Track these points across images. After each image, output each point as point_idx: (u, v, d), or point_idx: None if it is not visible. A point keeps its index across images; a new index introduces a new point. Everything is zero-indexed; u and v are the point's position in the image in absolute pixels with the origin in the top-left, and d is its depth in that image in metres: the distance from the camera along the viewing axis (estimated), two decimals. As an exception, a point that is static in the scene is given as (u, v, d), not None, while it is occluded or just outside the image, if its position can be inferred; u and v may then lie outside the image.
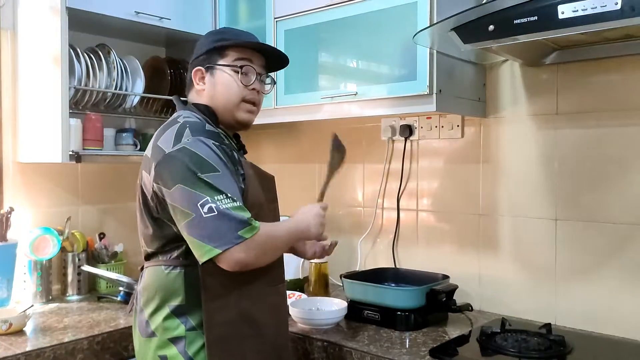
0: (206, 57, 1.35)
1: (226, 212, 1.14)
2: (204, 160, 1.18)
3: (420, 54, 1.61)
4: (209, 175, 1.17)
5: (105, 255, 2.08)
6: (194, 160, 1.18)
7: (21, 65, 1.91)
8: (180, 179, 1.17)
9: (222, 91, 1.34)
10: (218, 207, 1.14)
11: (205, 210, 1.14)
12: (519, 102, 1.80)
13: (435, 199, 2.00)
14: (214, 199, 1.14)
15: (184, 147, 1.19)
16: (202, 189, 1.15)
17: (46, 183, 2.02)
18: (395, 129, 2.07)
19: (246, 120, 1.38)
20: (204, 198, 1.14)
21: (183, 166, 1.18)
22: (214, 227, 1.13)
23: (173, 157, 1.20)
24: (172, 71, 2.16)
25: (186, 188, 1.16)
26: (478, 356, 1.45)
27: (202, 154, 1.19)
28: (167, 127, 1.28)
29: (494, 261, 1.86)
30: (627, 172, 1.60)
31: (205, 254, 1.15)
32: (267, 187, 1.38)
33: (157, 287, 1.27)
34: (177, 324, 1.24)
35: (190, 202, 1.15)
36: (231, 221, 1.14)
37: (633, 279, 1.58)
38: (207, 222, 1.14)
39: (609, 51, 1.59)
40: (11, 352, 1.39)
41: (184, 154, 1.19)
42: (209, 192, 1.15)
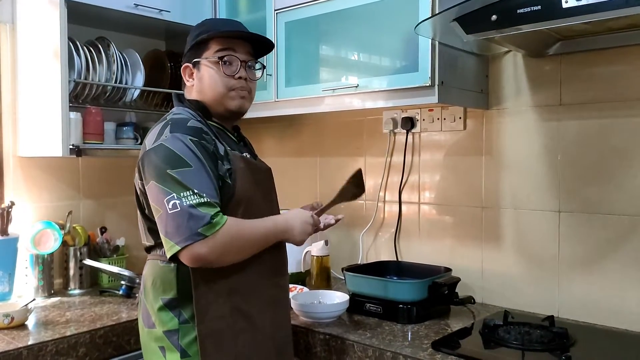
0: (192, 53, 1.37)
1: (188, 208, 1.15)
2: (176, 156, 1.20)
3: (421, 45, 1.59)
4: (179, 171, 1.19)
5: (107, 249, 2.08)
6: (166, 157, 1.20)
7: (21, 59, 1.91)
8: (153, 176, 1.21)
9: (208, 84, 1.35)
10: (182, 204, 1.15)
11: (170, 206, 1.16)
12: (521, 94, 1.79)
13: (437, 191, 2.00)
14: (179, 195, 1.16)
15: (161, 144, 1.22)
16: (169, 185, 1.18)
17: (47, 177, 2.01)
18: (396, 121, 2.06)
19: (238, 106, 1.37)
20: (170, 194, 1.17)
21: (156, 162, 1.21)
22: (176, 224, 1.15)
23: (150, 154, 1.24)
24: (172, 64, 2.15)
25: (157, 184, 1.20)
26: (480, 349, 1.45)
27: (175, 149, 1.21)
28: (156, 124, 1.31)
29: (497, 254, 1.85)
30: (631, 164, 1.59)
31: (169, 249, 1.18)
32: (261, 179, 1.37)
33: (154, 279, 1.30)
34: (171, 317, 1.26)
35: (159, 198, 1.19)
36: (192, 218, 1.15)
37: (636, 271, 1.58)
38: (171, 218, 1.16)
39: (612, 41, 1.57)
40: (13, 345, 1.40)
41: (159, 150, 1.22)
42: (176, 187, 1.17)
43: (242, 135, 1.48)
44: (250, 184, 1.32)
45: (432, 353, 1.39)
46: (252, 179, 1.32)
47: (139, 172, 1.29)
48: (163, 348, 1.27)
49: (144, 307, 1.34)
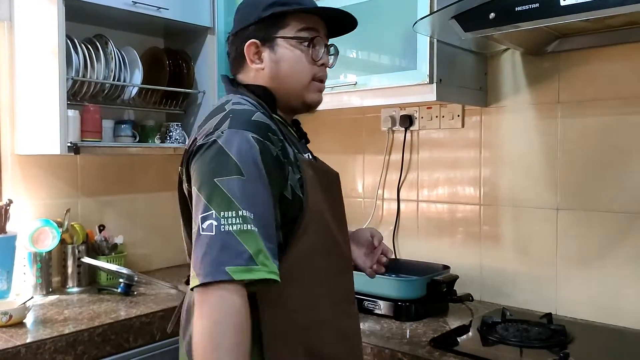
0: (261, 27, 1.09)
1: (225, 235, 0.88)
2: (229, 159, 0.93)
3: (420, 43, 1.59)
4: (228, 180, 0.92)
5: (105, 247, 2.08)
6: (217, 158, 0.94)
7: (18, 57, 1.90)
8: (196, 180, 0.96)
9: (290, 70, 1.09)
10: (218, 227, 0.89)
11: (204, 226, 0.90)
12: (520, 91, 1.79)
13: (435, 189, 2.00)
14: (219, 214, 0.89)
15: (215, 141, 0.96)
16: (211, 197, 0.91)
17: (45, 175, 2.01)
18: (395, 119, 2.06)
19: (317, 101, 1.15)
20: (209, 210, 0.90)
21: (204, 164, 0.96)
22: (204, 251, 0.89)
23: (200, 151, 0.98)
24: (171, 62, 2.14)
25: (197, 193, 0.94)
26: (479, 346, 1.45)
27: (229, 151, 0.94)
28: (212, 114, 1.04)
29: (495, 251, 1.85)
30: (630, 161, 1.59)
31: (191, 279, 0.91)
32: (330, 189, 1.12)
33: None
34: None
35: (196, 210, 0.93)
36: (226, 249, 0.87)
37: (634, 269, 1.58)
38: (200, 242, 0.90)
39: (611, 38, 1.57)
40: (11, 343, 1.39)
41: (211, 148, 0.96)
42: (218, 202, 0.91)
43: (303, 131, 1.22)
44: (321, 197, 1.06)
45: (430, 351, 1.39)
46: (322, 190, 1.07)
47: (186, 171, 1.02)
48: None
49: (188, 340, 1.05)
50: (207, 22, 2.13)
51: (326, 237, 1.07)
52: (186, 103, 2.22)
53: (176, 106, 2.19)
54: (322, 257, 1.07)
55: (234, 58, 1.15)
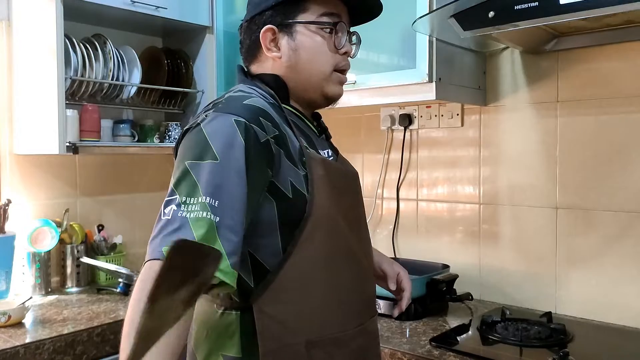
0: (279, 12, 1.00)
1: (180, 220, 0.82)
2: (204, 143, 0.87)
3: (419, 41, 1.59)
4: (199, 165, 0.86)
5: (104, 247, 2.08)
6: (193, 142, 0.89)
7: (16, 57, 1.90)
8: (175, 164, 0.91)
9: (308, 58, 1.01)
10: (177, 212, 0.83)
11: (166, 210, 0.84)
12: (519, 90, 1.79)
13: (435, 188, 2.00)
14: (182, 199, 0.84)
15: (198, 124, 0.91)
16: (179, 181, 0.86)
17: (44, 175, 2.01)
18: (394, 118, 2.06)
19: (338, 94, 1.06)
20: (174, 195, 0.85)
21: (183, 147, 0.91)
22: (156, 232, 0.84)
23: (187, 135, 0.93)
24: (169, 61, 2.14)
25: (172, 177, 0.89)
26: (479, 345, 1.45)
27: (207, 135, 0.88)
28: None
29: (494, 250, 1.85)
30: (629, 160, 1.59)
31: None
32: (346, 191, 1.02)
33: (208, 328, 0.97)
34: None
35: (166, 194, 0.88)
36: (176, 233, 0.81)
37: (634, 267, 1.58)
38: (157, 224, 0.85)
39: (610, 37, 1.57)
40: (10, 344, 1.39)
41: (192, 132, 0.91)
42: (184, 187, 0.85)
43: (324, 125, 1.11)
44: (332, 200, 0.96)
45: (430, 350, 1.39)
46: (333, 192, 0.97)
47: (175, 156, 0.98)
48: None
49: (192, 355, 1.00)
50: (206, 22, 2.13)
51: (338, 246, 0.97)
52: (185, 102, 2.22)
53: (175, 106, 2.19)
54: (332, 268, 0.96)
55: (248, 47, 1.05)
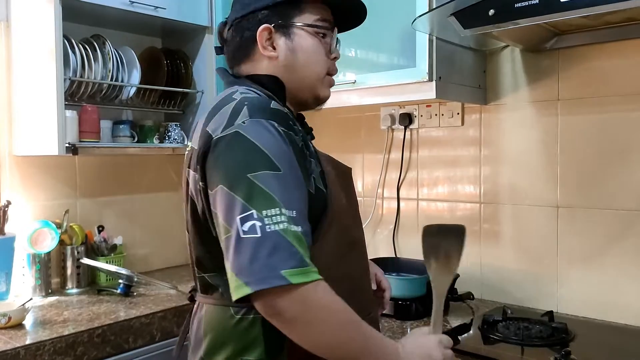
0: (275, 12, 1.00)
1: (273, 235, 0.79)
2: (260, 153, 0.85)
3: (419, 40, 1.59)
4: (263, 175, 0.83)
5: (104, 248, 2.07)
6: (246, 152, 0.85)
7: (15, 57, 1.89)
8: (222, 178, 0.85)
9: (305, 60, 1.02)
10: (263, 227, 0.80)
11: (245, 228, 0.80)
12: (519, 89, 1.78)
13: (435, 187, 1.99)
14: (260, 213, 0.80)
15: (237, 132, 0.87)
16: (249, 195, 0.82)
17: (43, 176, 2.00)
18: (394, 117, 2.05)
19: (328, 96, 1.09)
20: (248, 210, 0.81)
21: (230, 159, 0.86)
22: (250, 255, 0.79)
23: (219, 145, 0.88)
24: (169, 61, 2.13)
25: (228, 192, 0.84)
26: (480, 344, 1.45)
27: (259, 143, 0.85)
28: (218, 107, 0.95)
29: (495, 249, 1.85)
30: (630, 159, 1.58)
31: (235, 289, 0.81)
32: (347, 187, 1.08)
33: (226, 335, 0.94)
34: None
35: (229, 212, 0.83)
36: (277, 251, 0.79)
37: (635, 266, 1.57)
38: (243, 246, 0.80)
39: (610, 35, 1.57)
40: (11, 345, 1.39)
41: (234, 141, 0.86)
42: (257, 201, 0.81)
43: (308, 126, 1.14)
44: (341, 194, 1.00)
45: (431, 349, 1.38)
46: (340, 187, 1.01)
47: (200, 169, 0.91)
48: None
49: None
50: (205, 22, 2.12)
51: (349, 239, 1.02)
52: (184, 103, 2.21)
53: (174, 106, 2.19)
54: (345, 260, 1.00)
55: (238, 46, 1.04)
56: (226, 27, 1.08)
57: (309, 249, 0.84)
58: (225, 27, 1.08)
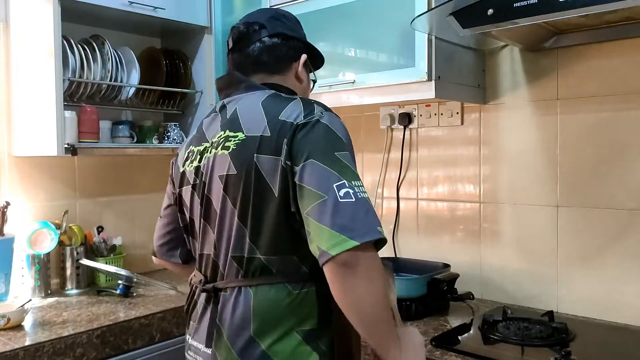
0: (306, 48, 1.22)
1: (363, 201, 0.96)
2: (337, 137, 1.02)
3: (418, 40, 1.58)
4: (344, 155, 1.00)
5: (104, 248, 2.07)
6: (329, 136, 1.01)
7: (14, 58, 1.89)
8: (312, 153, 0.99)
9: (307, 94, 1.26)
10: (356, 194, 0.95)
11: (341, 194, 0.95)
12: (519, 88, 1.78)
13: (435, 187, 1.99)
14: (351, 183, 0.96)
15: (318, 120, 1.03)
16: (339, 169, 0.97)
17: (42, 176, 2.00)
18: (394, 117, 2.05)
19: None
20: (341, 180, 0.96)
21: (318, 138, 1.00)
22: (352, 215, 0.94)
23: (305, 129, 1.02)
24: (168, 62, 2.13)
25: (319, 164, 0.97)
26: (480, 344, 1.44)
27: (336, 130, 1.03)
28: (277, 104, 1.07)
29: (495, 249, 1.84)
30: (629, 157, 1.58)
31: (337, 245, 0.92)
32: None
33: (281, 312, 1.03)
34: (309, 351, 1.03)
35: (323, 181, 0.96)
36: (369, 213, 0.95)
37: (635, 265, 1.57)
38: (342, 208, 0.94)
39: (609, 34, 1.56)
40: (10, 347, 1.38)
41: (318, 127, 1.02)
42: (346, 174, 0.97)
43: None
44: None
45: (431, 350, 1.38)
46: None
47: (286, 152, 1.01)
48: None
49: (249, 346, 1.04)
50: (204, 22, 2.12)
51: None
52: (184, 103, 2.21)
53: (174, 106, 2.18)
54: None
55: (281, 57, 1.18)
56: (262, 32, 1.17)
57: None
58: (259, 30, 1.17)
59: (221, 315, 1.07)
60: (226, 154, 1.07)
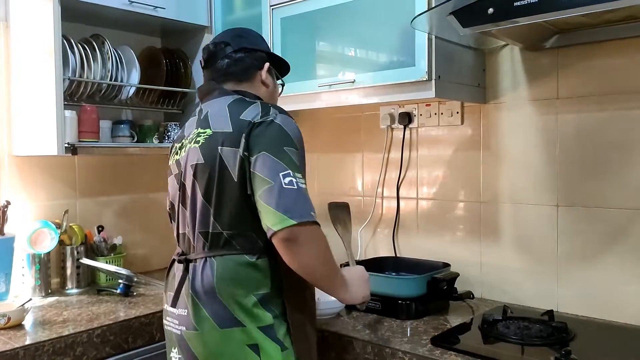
0: (270, 58, 1.43)
1: (303, 190, 1.16)
2: (287, 134, 1.21)
3: (418, 39, 1.58)
4: (291, 150, 1.19)
5: (104, 248, 2.07)
6: (280, 133, 1.21)
7: (14, 57, 1.89)
8: (265, 147, 1.19)
9: (276, 95, 1.48)
10: (297, 183, 1.16)
11: (286, 181, 1.15)
12: (519, 87, 1.78)
13: (435, 187, 1.99)
14: (294, 173, 1.16)
15: (272, 120, 1.23)
16: (286, 161, 1.17)
17: (43, 176, 2.00)
18: (394, 117, 2.05)
19: None
20: (286, 170, 1.16)
21: (269, 135, 1.20)
22: (292, 199, 1.14)
23: (261, 127, 1.22)
24: (168, 61, 2.13)
25: (270, 156, 1.17)
26: (480, 344, 1.44)
27: (286, 128, 1.22)
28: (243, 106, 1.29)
29: (495, 248, 1.84)
30: (629, 157, 1.58)
31: (278, 222, 1.13)
32: None
33: (240, 278, 1.24)
34: (264, 312, 1.24)
35: (272, 170, 1.16)
36: (306, 200, 1.16)
37: (635, 265, 1.57)
38: (288, 193, 1.14)
39: (610, 34, 1.56)
40: (10, 346, 1.38)
41: (272, 125, 1.22)
42: (291, 166, 1.17)
43: None
44: None
45: (431, 349, 1.38)
46: None
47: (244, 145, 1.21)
48: (256, 346, 1.22)
49: (216, 308, 1.23)
50: (204, 21, 2.12)
51: None
52: (184, 102, 2.21)
53: (174, 105, 2.19)
54: None
55: (246, 67, 1.39)
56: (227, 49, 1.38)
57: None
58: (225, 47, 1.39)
59: (192, 282, 1.26)
60: (197, 147, 1.28)
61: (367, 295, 1.38)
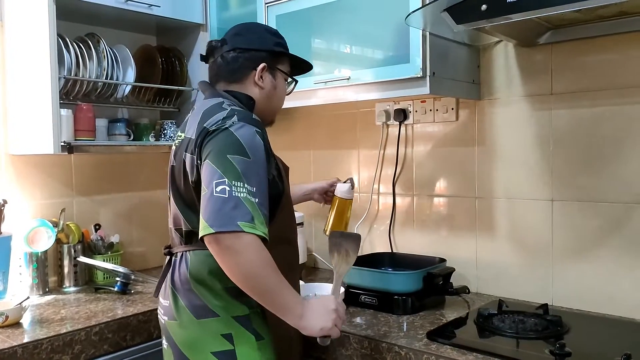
0: (269, 56, 1.38)
1: (235, 198, 1.12)
2: (238, 143, 1.19)
3: (412, 36, 1.59)
4: (237, 158, 1.16)
5: (101, 246, 2.08)
6: (228, 141, 1.19)
7: (10, 56, 1.89)
8: (210, 156, 1.19)
9: (278, 96, 1.42)
10: (230, 192, 1.12)
11: (217, 189, 1.13)
12: (513, 84, 1.79)
13: (430, 183, 2.00)
14: (231, 182, 1.13)
15: (226, 129, 1.21)
16: (224, 169, 1.15)
17: (39, 175, 2.00)
18: (389, 113, 2.06)
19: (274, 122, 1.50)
20: (222, 178, 1.14)
21: (217, 144, 1.19)
22: (217, 207, 1.12)
23: (212, 135, 1.22)
24: (164, 59, 2.13)
25: (211, 164, 1.17)
26: (475, 338, 1.46)
27: (239, 136, 1.20)
28: (211, 112, 1.27)
29: (491, 243, 1.86)
30: (623, 151, 1.59)
31: (202, 229, 1.13)
32: (287, 180, 1.41)
33: (212, 269, 1.25)
34: (239, 304, 1.26)
35: (209, 178, 1.16)
36: (236, 208, 1.11)
37: (629, 259, 1.58)
38: (213, 200, 1.13)
39: (603, 29, 1.57)
40: (8, 344, 1.39)
41: (223, 133, 1.21)
42: (230, 174, 1.14)
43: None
44: (287, 186, 1.37)
45: (427, 343, 1.39)
46: (286, 181, 1.37)
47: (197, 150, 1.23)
48: (230, 335, 1.25)
49: (192, 298, 1.28)
50: (199, 19, 2.12)
51: (292, 216, 1.40)
52: (180, 100, 2.22)
53: (170, 104, 2.19)
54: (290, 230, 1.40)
55: (235, 69, 1.37)
56: (224, 47, 1.38)
57: (266, 218, 1.16)
58: (221, 46, 1.38)
59: (172, 274, 1.33)
60: (174, 149, 1.35)
61: (326, 328, 1.21)
